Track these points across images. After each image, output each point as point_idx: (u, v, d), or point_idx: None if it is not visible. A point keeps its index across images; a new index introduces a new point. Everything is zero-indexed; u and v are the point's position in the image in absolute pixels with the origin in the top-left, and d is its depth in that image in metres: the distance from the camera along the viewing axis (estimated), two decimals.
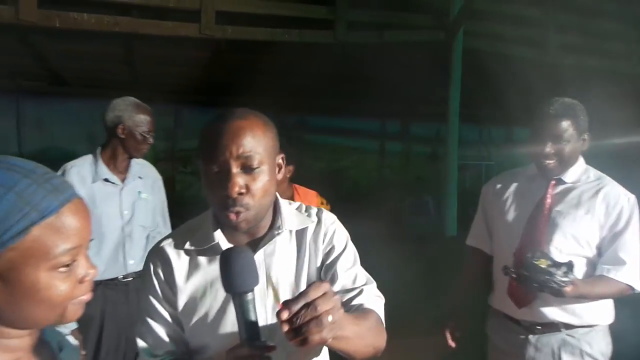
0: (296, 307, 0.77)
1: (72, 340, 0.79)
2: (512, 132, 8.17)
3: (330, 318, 0.77)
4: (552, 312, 1.69)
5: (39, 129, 5.98)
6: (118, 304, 2.06)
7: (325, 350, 1.15)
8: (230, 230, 1.03)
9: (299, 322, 0.77)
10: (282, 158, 1.06)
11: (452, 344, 1.97)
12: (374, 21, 4.86)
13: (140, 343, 1.05)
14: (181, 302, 1.04)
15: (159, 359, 1.04)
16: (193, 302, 1.04)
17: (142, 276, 1.10)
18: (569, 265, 1.56)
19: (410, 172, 8.10)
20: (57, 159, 2.02)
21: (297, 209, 1.14)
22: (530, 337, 1.73)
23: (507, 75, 4.49)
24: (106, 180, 2.10)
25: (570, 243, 1.68)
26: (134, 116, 2.09)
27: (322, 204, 2.43)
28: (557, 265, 1.55)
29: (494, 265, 1.87)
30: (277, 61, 5.06)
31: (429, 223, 6.91)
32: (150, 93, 4.36)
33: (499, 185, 1.90)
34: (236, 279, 0.84)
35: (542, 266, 1.54)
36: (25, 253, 0.61)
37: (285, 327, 0.77)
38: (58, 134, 5.83)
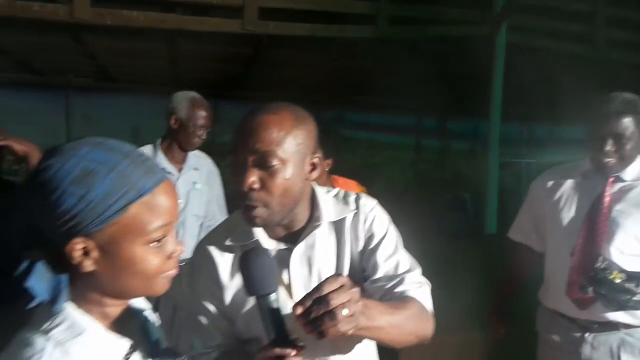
0: (308, 302, 0.78)
1: (153, 315, 0.84)
2: (554, 130, 7.95)
3: (345, 311, 0.78)
4: (613, 313, 1.64)
5: (86, 123, 6.21)
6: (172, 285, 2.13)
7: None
8: (270, 226, 1.04)
9: (313, 316, 0.78)
10: (319, 157, 1.03)
11: (499, 335, 1.98)
12: (416, 16, 4.82)
13: (192, 337, 1.07)
14: (227, 298, 1.05)
15: (210, 351, 1.06)
16: (239, 298, 1.05)
17: (189, 270, 1.12)
18: None
19: (447, 168, 8.00)
20: None
21: (335, 196, 1.12)
22: (587, 335, 1.69)
23: (551, 71, 4.38)
24: (163, 169, 2.18)
25: (632, 244, 1.63)
26: (188, 110, 2.17)
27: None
28: (632, 278, 1.51)
29: (546, 264, 1.83)
30: (316, 57, 5.10)
31: (467, 221, 6.82)
32: (191, 88, 4.46)
33: (550, 182, 1.84)
34: (257, 282, 0.84)
35: (617, 281, 1.51)
36: (124, 228, 0.65)
37: (301, 323, 0.79)
38: (104, 128, 6.01)
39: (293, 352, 0.81)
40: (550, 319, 1.81)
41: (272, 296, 0.84)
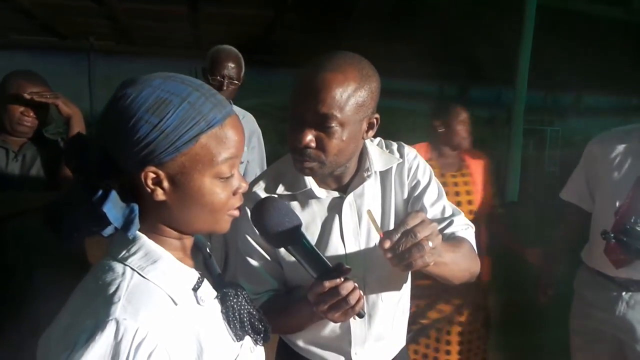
0: (397, 236, 0.81)
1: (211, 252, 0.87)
2: (581, 98, 7.74)
3: (430, 244, 0.81)
4: None
5: (108, 87, 6.26)
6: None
7: (409, 281, 1.20)
8: (320, 177, 1.06)
9: (401, 248, 0.80)
10: (377, 117, 1.03)
11: (545, 300, 2.02)
12: None
13: (242, 281, 1.09)
14: None
15: (260, 296, 1.09)
16: None
17: (235, 220, 1.14)
18: None
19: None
20: None
21: (378, 145, 1.14)
22: (624, 294, 1.74)
23: (582, 36, 4.23)
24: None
25: None
26: (210, 62, 2.15)
27: None
28: None
29: (592, 223, 1.84)
30: (336, 20, 5.00)
31: None
32: None
33: (606, 143, 1.82)
34: (278, 235, 0.85)
35: None
36: (194, 159, 0.67)
37: (389, 255, 0.81)
38: None
39: (342, 279, 0.84)
40: (589, 277, 1.84)
41: (301, 237, 0.86)
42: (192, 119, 0.66)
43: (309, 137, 0.95)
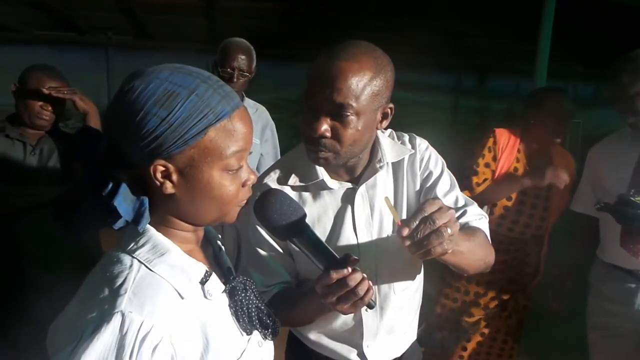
0: (415, 223, 0.80)
1: (222, 245, 0.87)
2: (601, 89, 7.57)
3: (449, 231, 0.80)
4: None
5: None
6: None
7: (422, 273, 1.20)
8: (333, 167, 1.05)
9: (420, 235, 0.79)
10: (391, 107, 1.03)
11: (556, 306, 2.02)
12: None
13: (253, 273, 1.09)
14: None
15: (271, 288, 1.08)
16: None
17: (246, 211, 1.12)
18: None
19: (485, 129, 7.79)
20: None
21: (389, 136, 1.14)
22: None
23: (604, 25, 4.13)
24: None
25: None
26: (220, 54, 2.15)
27: None
28: None
29: (600, 223, 1.85)
30: (352, 13, 4.96)
31: None
32: None
33: (603, 148, 1.89)
34: (282, 228, 0.84)
35: (636, 200, 1.54)
36: (202, 151, 0.67)
37: (407, 243, 0.80)
38: None
39: (350, 270, 0.82)
40: (605, 271, 1.84)
41: (305, 229, 0.85)
42: (200, 112, 0.65)
43: (325, 127, 0.95)
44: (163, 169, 0.67)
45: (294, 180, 1.07)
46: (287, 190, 1.06)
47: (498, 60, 6.84)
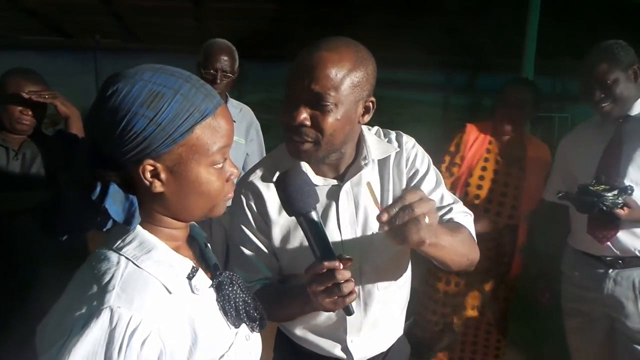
0: (394, 210, 0.82)
1: (209, 243, 0.89)
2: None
3: (427, 219, 0.82)
4: (635, 245, 1.70)
5: None
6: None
7: (409, 270, 1.21)
8: (315, 163, 1.06)
9: (398, 222, 0.81)
10: (373, 101, 1.03)
11: (545, 301, 2.05)
12: None
13: (236, 270, 1.09)
14: (275, 233, 1.08)
15: (253, 284, 1.10)
16: (287, 233, 1.07)
17: (231, 209, 1.11)
18: (623, 189, 1.58)
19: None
20: None
21: (376, 134, 1.14)
22: (610, 271, 1.76)
23: (590, 18, 4.17)
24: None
25: None
26: (203, 56, 2.16)
27: None
28: (612, 189, 1.57)
29: (570, 210, 1.87)
30: (342, 12, 4.97)
31: None
32: None
33: (573, 138, 1.95)
34: (296, 200, 0.86)
35: (594, 189, 1.58)
36: (190, 149, 0.69)
37: (386, 228, 0.82)
38: None
39: (340, 264, 0.85)
40: (575, 258, 1.88)
41: (313, 214, 0.86)
42: (186, 111, 0.67)
43: (304, 115, 0.96)
44: (152, 168, 0.68)
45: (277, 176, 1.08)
46: (271, 187, 1.07)
47: (489, 57, 6.87)
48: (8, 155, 1.73)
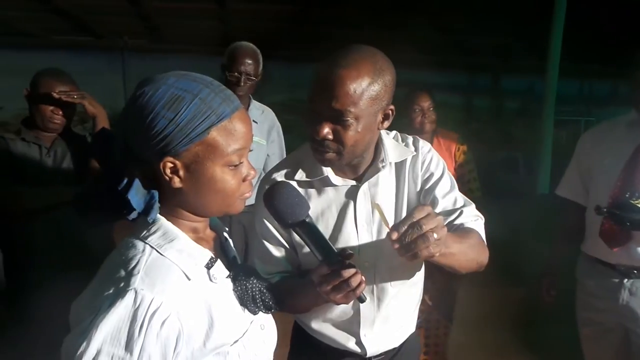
0: (403, 228, 0.85)
1: (229, 237, 0.93)
2: (617, 87, 7.48)
3: (435, 235, 0.84)
4: None
5: None
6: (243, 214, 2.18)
7: (422, 269, 1.23)
8: (339, 167, 1.09)
9: (408, 239, 0.84)
10: (392, 108, 1.06)
11: (548, 300, 1.99)
12: None
13: (257, 261, 1.16)
14: None
15: (272, 276, 1.14)
16: None
17: (255, 204, 1.16)
18: None
19: (499, 128, 7.75)
20: None
21: (394, 138, 1.18)
22: (625, 281, 1.71)
23: (617, 20, 4.09)
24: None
25: None
26: (227, 59, 2.18)
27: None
28: None
29: (587, 214, 1.82)
30: (363, 13, 4.99)
31: (519, 180, 6.65)
32: None
33: (596, 135, 1.84)
34: (286, 214, 0.88)
35: (637, 203, 1.53)
36: (206, 149, 0.74)
37: (396, 246, 0.85)
38: None
39: (345, 269, 0.88)
40: (589, 266, 1.82)
41: (307, 219, 0.89)
42: (203, 113, 0.72)
43: (326, 130, 1.00)
44: (172, 165, 0.74)
45: (300, 175, 1.13)
46: (293, 185, 1.10)
47: (511, 59, 6.80)
48: (41, 152, 1.81)
